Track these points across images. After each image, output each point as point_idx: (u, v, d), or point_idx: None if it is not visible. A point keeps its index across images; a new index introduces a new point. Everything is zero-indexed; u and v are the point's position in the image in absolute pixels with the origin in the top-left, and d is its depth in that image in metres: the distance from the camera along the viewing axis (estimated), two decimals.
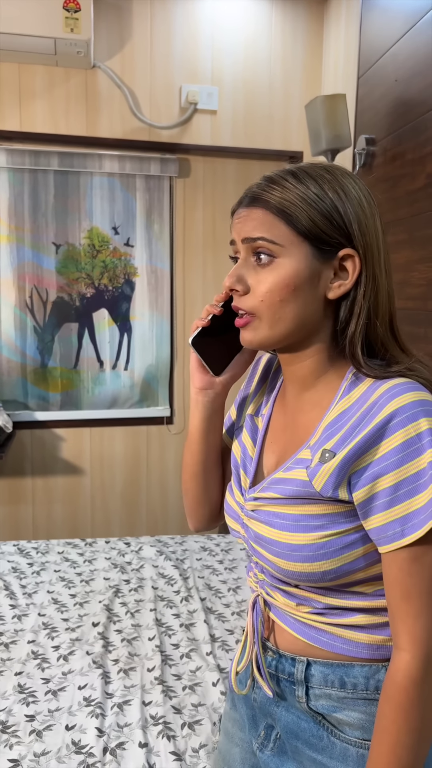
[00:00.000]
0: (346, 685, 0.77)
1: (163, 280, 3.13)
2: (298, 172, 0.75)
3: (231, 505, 0.87)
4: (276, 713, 0.84)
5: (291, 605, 0.80)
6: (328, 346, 0.78)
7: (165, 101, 2.94)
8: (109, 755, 1.41)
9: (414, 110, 1.97)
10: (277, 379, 0.91)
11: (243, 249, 0.77)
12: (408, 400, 0.69)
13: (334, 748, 0.78)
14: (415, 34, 1.96)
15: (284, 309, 0.74)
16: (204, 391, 0.87)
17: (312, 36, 3.03)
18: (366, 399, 0.72)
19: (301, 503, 0.74)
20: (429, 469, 0.67)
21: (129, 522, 3.26)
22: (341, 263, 0.75)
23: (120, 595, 2.14)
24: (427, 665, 0.69)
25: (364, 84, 2.40)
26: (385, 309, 0.76)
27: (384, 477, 0.69)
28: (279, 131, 3.07)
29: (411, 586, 0.69)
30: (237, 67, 2.98)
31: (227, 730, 0.96)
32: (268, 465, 0.84)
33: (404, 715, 0.69)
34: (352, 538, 0.73)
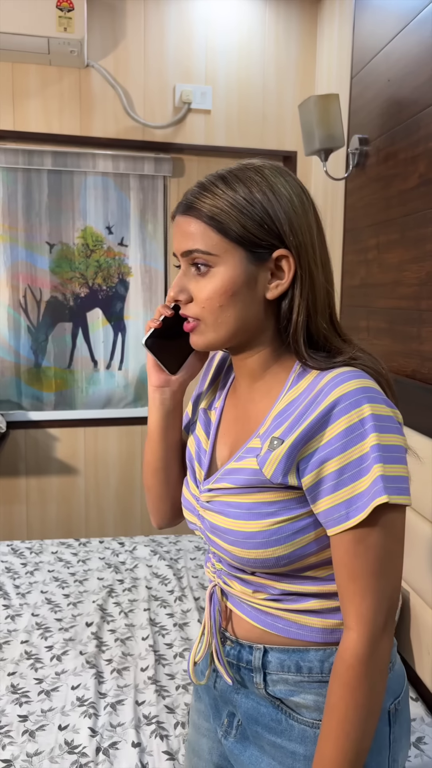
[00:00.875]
0: (302, 670, 0.80)
1: (157, 279, 3.13)
2: (228, 177, 0.76)
3: (187, 498, 0.89)
4: (236, 700, 0.87)
5: (248, 592, 0.82)
6: (273, 341, 0.81)
7: (159, 101, 2.94)
8: (102, 755, 1.41)
9: (407, 110, 1.97)
10: (230, 375, 0.94)
11: (182, 261, 0.80)
12: (351, 387, 0.72)
13: (292, 731, 0.81)
14: (408, 33, 1.96)
15: (225, 313, 0.77)
16: (161, 389, 0.90)
17: (305, 36, 3.03)
18: (312, 389, 0.75)
19: (253, 492, 0.77)
20: (371, 453, 0.70)
21: (123, 522, 3.25)
22: (276, 264, 0.77)
23: (114, 594, 2.14)
24: (372, 643, 0.72)
25: (358, 84, 2.40)
26: (323, 303, 0.79)
27: (329, 462, 0.72)
28: (272, 131, 3.07)
29: (357, 567, 0.72)
30: (231, 66, 2.98)
31: (194, 722, 0.99)
32: (222, 456, 0.87)
33: (351, 692, 0.72)
34: (303, 523, 0.75)
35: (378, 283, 2.20)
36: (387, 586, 0.72)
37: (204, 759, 0.96)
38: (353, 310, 2.43)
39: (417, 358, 1.91)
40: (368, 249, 2.29)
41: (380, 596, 0.72)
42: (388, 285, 2.11)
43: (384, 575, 0.72)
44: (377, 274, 2.21)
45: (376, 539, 0.71)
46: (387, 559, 0.72)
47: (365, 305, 2.31)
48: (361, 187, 2.36)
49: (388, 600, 0.73)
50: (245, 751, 0.86)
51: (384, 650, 0.73)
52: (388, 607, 0.73)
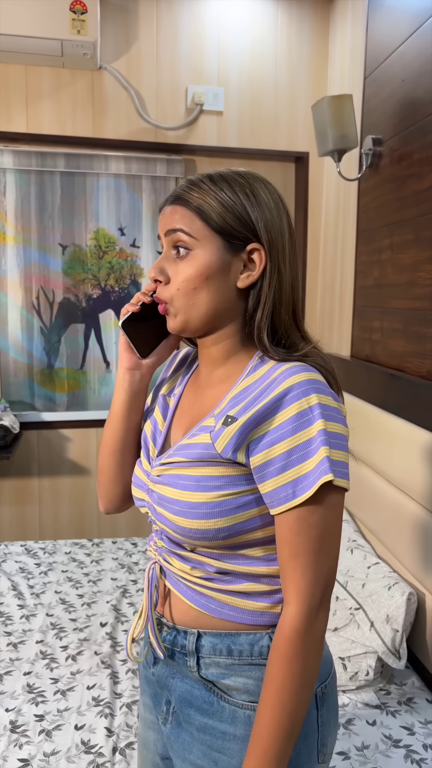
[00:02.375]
0: (233, 653, 0.85)
1: None
2: (215, 176, 0.85)
3: (138, 475, 0.93)
4: (171, 685, 0.91)
5: (186, 569, 0.86)
6: (239, 330, 0.87)
7: (171, 102, 2.95)
8: (118, 755, 1.41)
9: (421, 110, 1.97)
10: (192, 366, 0.99)
11: (165, 243, 0.87)
12: (302, 378, 0.78)
13: (223, 712, 0.85)
14: (423, 33, 1.96)
15: (198, 296, 0.84)
16: (131, 371, 0.95)
17: (318, 36, 3.03)
18: (268, 377, 0.81)
19: (203, 465, 0.82)
20: (318, 437, 0.76)
21: (135, 522, 3.26)
22: (249, 256, 0.84)
23: (128, 595, 2.14)
24: (309, 617, 0.77)
25: (371, 84, 2.40)
26: (288, 299, 0.85)
27: (279, 444, 0.77)
28: (285, 132, 3.07)
29: (298, 545, 0.77)
30: (243, 67, 2.98)
31: (141, 716, 1.02)
32: (176, 437, 0.92)
33: (288, 663, 0.77)
34: (246, 499, 0.81)
35: (392, 283, 2.19)
36: (325, 564, 0.78)
37: (150, 750, 1.00)
38: (367, 310, 2.42)
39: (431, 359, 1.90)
40: (382, 249, 2.28)
41: (318, 573, 0.77)
42: (403, 285, 2.10)
43: (323, 553, 0.78)
44: (391, 275, 2.20)
45: (319, 518, 0.77)
46: (327, 538, 0.78)
47: (379, 306, 2.30)
48: (375, 188, 2.35)
49: (325, 577, 0.78)
50: (178, 738, 0.90)
51: (320, 624, 0.78)
52: (325, 584, 0.78)
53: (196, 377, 0.96)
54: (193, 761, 0.88)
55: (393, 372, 2.09)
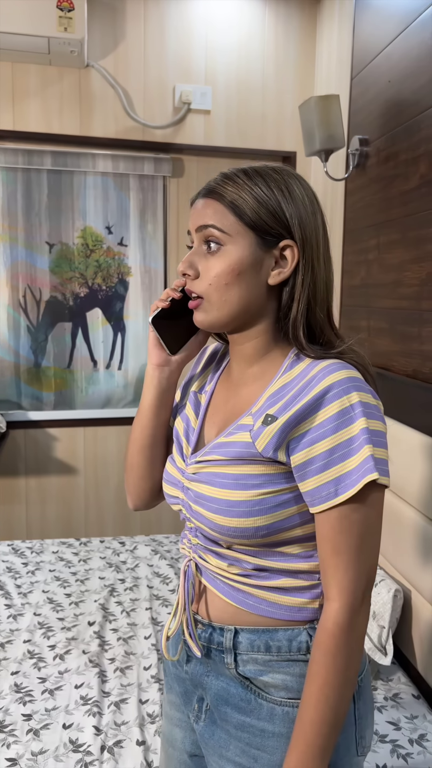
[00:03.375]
0: (270, 649, 0.84)
1: (156, 279, 3.13)
2: (249, 171, 0.83)
3: (171, 473, 0.93)
4: (206, 683, 0.90)
5: (223, 566, 0.86)
6: (272, 327, 0.87)
7: (158, 101, 2.94)
8: (106, 753, 1.41)
9: (407, 111, 1.98)
10: (222, 362, 0.99)
11: (196, 238, 0.86)
12: (342, 376, 0.78)
13: (261, 709, 0.85)
14: (409, 35, 1.97)
15: (230, 292, 0.83)
16: (160, 367, 0.93)
17: (305, 36, 3.04)
18: (305, 374, 0.80)
19: (242, 464, 0.81)
20: (360, 435, 0.76)
21: (123, 521, 3.26)
22: (282, 253, 0.83)
23: (115, 594, 2.14)
24: (352, 613, 0.77)
25: (358, 85, 2.41)
26: (322, 297, 0.84)
27: (321, 442, 0.77)
28: (272, 131, 3.08)
29: (341, 542, 0.77)
30: (230, 67, 2.99)
31: (167, 713, 1.02)
32: (209, 435, 0.91)
33: (332, 659, 0.77)
34: (285, 497, 0.80)
35: (378, 283, 2.21)
36: (367, 561, 0.78)
37: (177, 748, 0.99)
38: (353, 309, 2.44)
39: (418, 358, 1.92)
40: (368, 249, 2.30)
41: (361, 570, 0.77)
42: (389, 285, 2.12)
43: (365, 550, 0.78)
44: (378, 274, 2.22)
45: (361, 516, 0.77)
46: (369, 535, 0.78)
47: (365, 305, 2.32)
48: (362, 188, 2.37)
49: (367, 573, 0.78)
50: (213, 735, 0.90)
51: (362, 620, 0.79)
52: (367, 580, 0.78)
53: (228, 374, 0.95)
54: (231, 758, 0.87)
55: (379, 371, 2.11)
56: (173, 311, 0.90)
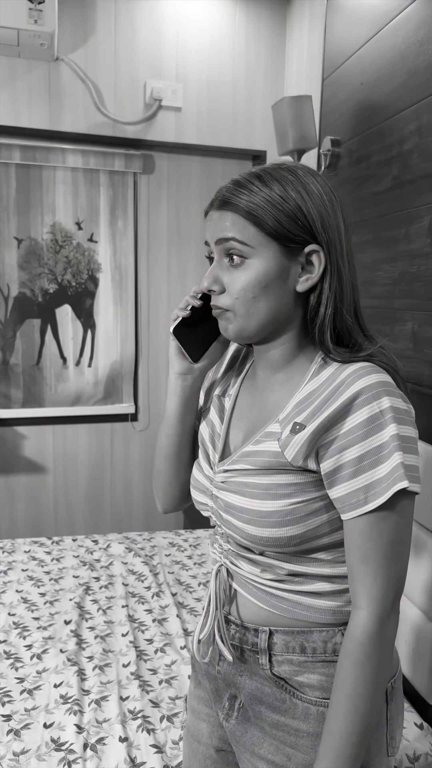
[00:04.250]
0: (306, 650, 0.84)
1: (127, 276, 3.12)
2: (263, 175, 0.80)
3: (199, 480, 0.92)
4: (239, 682, 0.89)
5: (256, 572, 0.85)
6: (298, 333, 0.85)
7: (129, 97, 2.93)
8: (89, 751, 1.41)
9: (380, 114, 2.02)
10: (245, 364, 0.97)
11: (216, 250, 0.83)
12: (372, 380, 0.75)
13: (296, 709, 0.84)
14: (381, 39, 2.01)
15: (257, 304, 0.81)
16: (183, 376, 0.93)
17: (275, 36, 3.06)
18: (334, 379, 0.78)
19: (270, 473, 0.80)
20: (391, 441, 0.74)
21: (93, 520, 3.24)
22: (307, 258, 0.80)
23: (90, 592, 2.13)
24: (381, 622, 0.76)
25: (329, 86, 2.45)
26: (349, 298, 0.82)
27: (350, 449, 0.75)
28: (243, 130, 3.10)
29: (369, 550, 0.76)
30: (201, 64, 2.99)
31: (193, 708, 1.01)
32: (235, 441, 0.90)
33: (361, 667, 0.76)
34: (317, 505, 0.79)
35: None
36: (396, 569, 0.77)
37: (204, 743, 0.99)
38: None
39: None
40: None
41: (390, 577, 0.76)
42: (362, 284, 2.14)
43: (394, 557, 0.76)
44: None
45: (391, 523, 0.75)
46: (398, 542, 0.76)
47: None
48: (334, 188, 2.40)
49: (396, 581, 0.77)
50: (246, 732, 0.89)
51: (391, 628, 0.78)
52: (396, 588, 0.77)
53: (252, 378, 0.93)
54: (264, 756, 0.87)
55: None
56: (193, 318, 0.89)
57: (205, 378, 0.98)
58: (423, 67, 1.77)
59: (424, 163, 1.77)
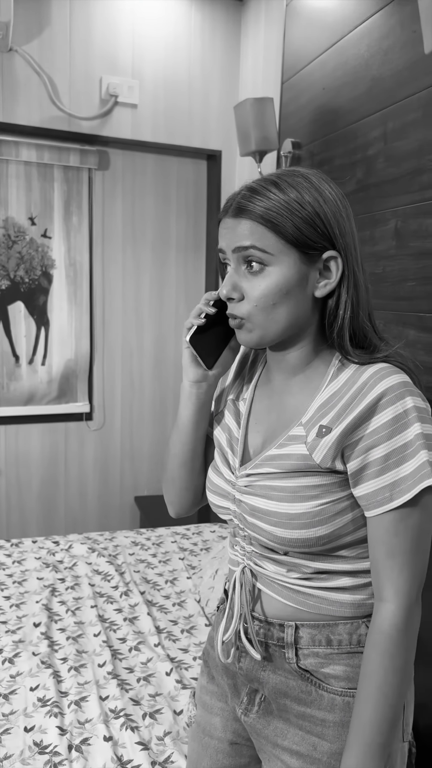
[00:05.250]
0: (332, 643, 0.85)
1: (82, 273, 3.07)
2: (278, 182, 0.80)
3: (219, 485, 0.92)
4: (263, 677, 0.90)
5: (281, 572, 0.86)
6: (315, 337, 0.86)
7: (85, 91, 2.88)
8: (75, 752, 1.39)
9: (344, 118, 2.08)
10: (256, 366, 0.98)
11: (233, 258, 0.82)
12: (394, 381, 0.77)
13: (322, 700, 0.86)
14: (344, 46, 2.07)
15: (278, 311, 0.81)
16: (198, 383, 0.92)
17: (230, 37, 3.09)
18: (354, 381, 0.80)
19: (298, 476, 0.81)
20: (415, 440, 0.76)
21: (46, 521, 3.17)
22: (325, 264, 0.82)
23: (57, 594, 2.09)
24: (409, 614, 0.79)
25: (289, 89, 2.50)
26: (365, 302, 0.84)
27: (376, 448, 0.77)
28: (198, 129, 3.11)
29: (396, 545, 0.78)
30: (157, 62, 2.98)
31: (205, 703, 1.02)
32: (254, 444, 0.90)
33: (390, 659, 0.78)
34: (343, 505, 0.81)
35: None
36: (420, 562, 0.79)
37: (216, 737, 0.99)
38: None
39: None
40: None
41: (415, 571, 0.79)
42: None
43: (419, 552, 0.79)
44: None
45: (415, 519, 0.78)
46: (422, 537, 0.79)
47: None
48: None
49: (420, 574, 0.79)
50: (269, 725, 0.90)
51: (417, 620, 0.80)
52: (420, 580, 0.80)
53: (267, 382, 0.93)
54: (288, 747, 0.88)
55: None
56: (205, 325, 0.89)
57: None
58: (388, 75, 1.84)
59: (389, 168, 1.84)
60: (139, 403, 3.30)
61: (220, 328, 0.90)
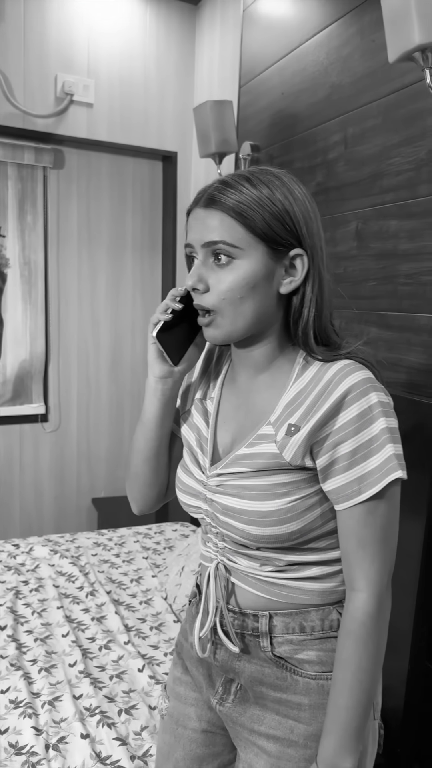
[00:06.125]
0: (305, 629, 0.88)
1: (36, 272, 3.03)
2: (251, 177, 0.81)
3: (189, 484, 0.93)
4: (238, 667, 0.92)
5: (255, 566, 0.88)
6: (280, 335, 0.87)
7: (40, 89, 2.85)
8: (52, 751, 1.38)
9: (303, 123, 2.14)
10: (221, 365, 0.99)
11: (201, 252, 0.83)
12: (358, 378, 0.80)
13: (297, 685, 0.88)
14: (304, 53, 2.13)
15: (244, 305, 0.82)
16: (164, 379, 0.93)
17: (185, 39, 3.11)
18: (320, 379, 0.82)
19: (269, 474, 0.83)
20: (381, 435, 0.79)
21: (1, 525, 3.11)
22: (291, 261, 0.83)
23: (21, 596, 2.06)
24: (380, 601, 0.82)
25: (247, 93, 2.54)
26: (328, 302, 0.86)
27: (344, 444, 0.79)
28: (154, 130, 3.12)
29: (366, 536, 0.81)
30: (113, 61, 2.97)
31: (179, 694, 1.03)
32: (224, 444, 0.92)
33: (364, 646, 0.81)
34: (313, 500, 0.83)
35: None
36: (389, 551, 0.83)
37: (190, 727, 1.01)
38: None
39: None
40: None
41: (385, 559, 0.82)
42: None
43: (387, 541, 0.82)
44: None
45: (383, 510, 0.81)
46: (389, 528, 0.82)
47: None
48: None
49: (390, 562, 0.83)
50: (245, 712, 0.93)
51: (388, 606, 0.84)
52: (390, 568, 0.83)
53: (233, 380, 0.94)
54: (265, 732, 0.90)
55: None
56: (171, 321, 0.89)
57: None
58: (348, 83, 1.91)
59: (349, 171, 1.91)
60: (95, 404, 3.28)
61: (186, 324, 0.90)
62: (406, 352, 1.70)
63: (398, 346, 1.72)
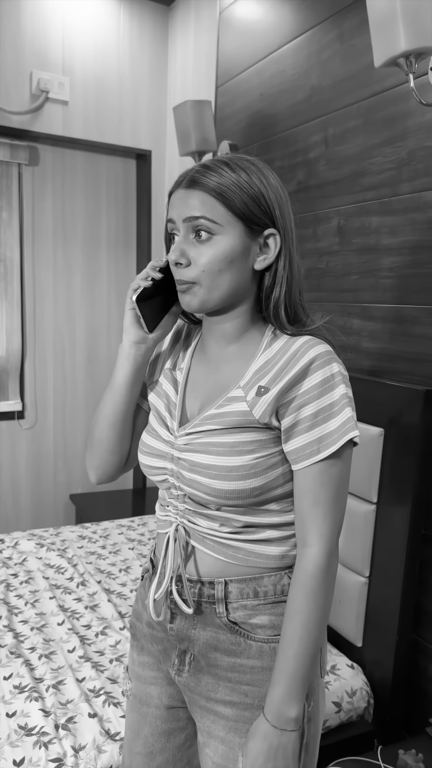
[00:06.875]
0: (258, 594, 0.93)
1: (12, 269, 3.03)
2: (230, 163, 0.89)
3: (155, 446, 0.98)
4: (193, 635, 0.97)
5: (214, 527, 0.93)
6: (251, 309, 0.95)
7: (15, 85, 2.85)
8: (62, 730, 1.42)
9: (283, 123, 2.22)
10: (191, 338, 1.05)
11: (183, 227, 0.90)
12: (321, 349, 0.88)
13: (250, 649, 0.93)
14: (283, 55, 2.21)
15: (222, 277, 0.89)
16: (137, 345, 0.98)
17: (158, 40, 3.16)
18: (287, 350, 0.90)
19: (237, 432, 0.90)
20: (341, 399, 0.87)
21: None
22: (265, 240, 0.90)
23: (12, 588, 2.07)
24: (330, 556, 0.88)
25: (224, 94, 2.61)
26: (298, 280, 0.94)
27: (307, 406, 0.87)
28: (128, 128, 3.15)
29: (320, 494, 0.88)
30: (88, 60, 3.00)
31: (139, 675, 1.08)
32: (192, 409, 0.98)
33: (314, 597, 0.87)
34: (275, 459, 0.90)
35: None
36: (340, 509, 0.90)
37: (153, 705, 1.06)
38: None
39: None
40: None
41: (336, 517, 0.89)
42: None
43: (339, 500, 0.89)
44: None
45: (338, 469, 0.88)
46: (342, 487, 0.90)
47: None
48: None
49: (340, 520, 0.90)
50: (200, 682, 0.98)
51: (336, 561, 0.90)
52: (339, 526, 0.90)
53: (202, 352, 1.01)
54: (220, 699, 0.95)
55: None
56: (149, 290, 0.94)
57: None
58: (328, 85, 1.99)
59: (331, 170, 1.99)
60: (72, 400, 3.29)
61: (163, 294, 0.96)
62: (389, 342, 1.79)
63: (381, 337, 1.82)
